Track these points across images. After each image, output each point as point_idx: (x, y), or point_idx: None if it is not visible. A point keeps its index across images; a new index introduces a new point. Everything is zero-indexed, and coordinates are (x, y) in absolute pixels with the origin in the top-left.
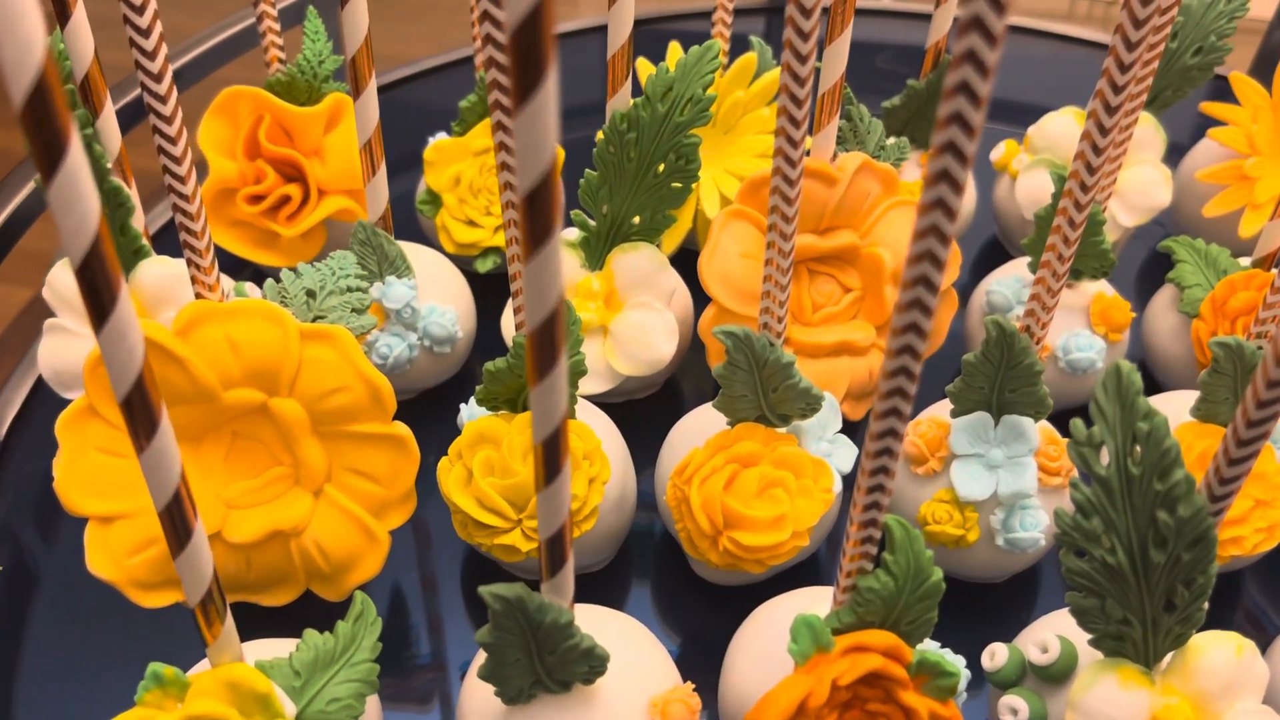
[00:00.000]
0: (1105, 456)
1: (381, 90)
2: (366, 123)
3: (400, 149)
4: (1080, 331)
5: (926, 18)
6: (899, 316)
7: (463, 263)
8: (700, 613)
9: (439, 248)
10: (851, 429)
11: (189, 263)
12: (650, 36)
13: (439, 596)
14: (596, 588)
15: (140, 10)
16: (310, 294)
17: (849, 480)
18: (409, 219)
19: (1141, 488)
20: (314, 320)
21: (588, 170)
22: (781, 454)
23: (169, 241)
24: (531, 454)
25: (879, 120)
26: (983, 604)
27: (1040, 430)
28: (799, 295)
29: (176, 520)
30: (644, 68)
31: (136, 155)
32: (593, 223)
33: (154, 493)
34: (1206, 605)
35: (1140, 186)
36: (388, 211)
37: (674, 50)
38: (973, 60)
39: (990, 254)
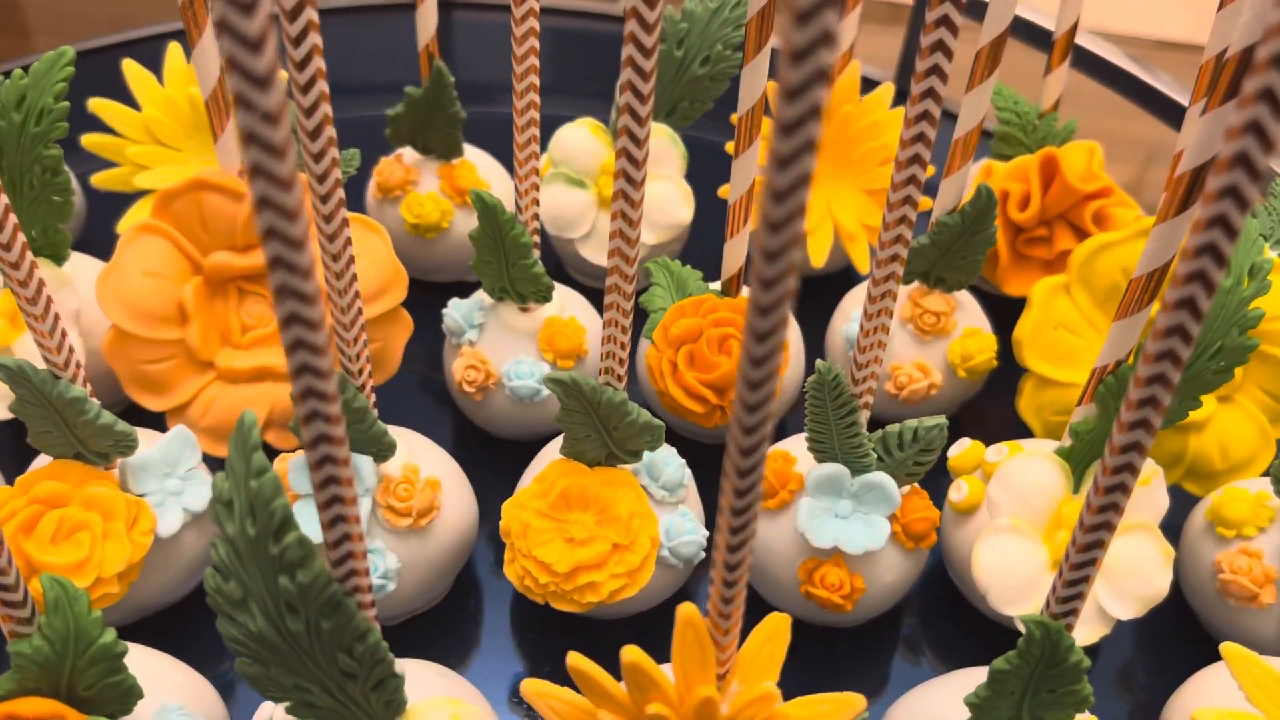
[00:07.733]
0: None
1: None
2: None
3: None
4: (523, 359)
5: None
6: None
7: None
8: None
9: None
10: None
11: None
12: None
13: None
14: None
15: None
16: None
17: None
18: None
19: (261, 550)
20: None
21: None
22: (90, 494)
23: None
24: None
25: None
26: None
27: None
28: (227, 316)
29: None
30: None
31: None
32: None
33: None
34: (392, 658)
35: (658, 203)
36: None
37: (173, 51)
38: None
39: None
